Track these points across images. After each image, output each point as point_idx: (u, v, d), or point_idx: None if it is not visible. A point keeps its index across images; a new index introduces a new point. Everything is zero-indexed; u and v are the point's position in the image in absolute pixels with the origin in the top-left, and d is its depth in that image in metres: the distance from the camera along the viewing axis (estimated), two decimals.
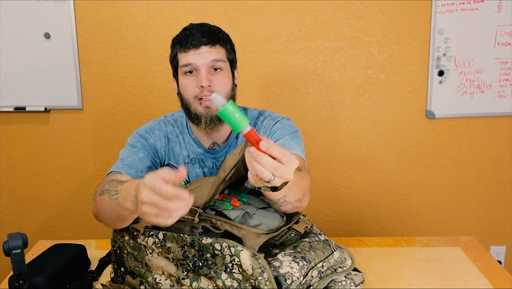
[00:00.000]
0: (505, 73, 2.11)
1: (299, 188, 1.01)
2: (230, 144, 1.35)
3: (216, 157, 1.35)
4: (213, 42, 1.24)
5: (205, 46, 1.23)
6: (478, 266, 1.22)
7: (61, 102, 2.11)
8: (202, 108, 1.25)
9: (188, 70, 1.25)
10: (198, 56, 1.23)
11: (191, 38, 1.23)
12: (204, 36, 1.23)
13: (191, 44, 1.23)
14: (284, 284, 0.86)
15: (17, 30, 2.03)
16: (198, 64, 1.23)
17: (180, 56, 1.26)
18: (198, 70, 1.24)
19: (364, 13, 2.06)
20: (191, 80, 1.25)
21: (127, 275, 1.05)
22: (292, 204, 1.02)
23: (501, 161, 2.22)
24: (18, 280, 0.95)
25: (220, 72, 1.26)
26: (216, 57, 1.24)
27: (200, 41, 1.23)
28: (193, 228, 0.97)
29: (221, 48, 1.26)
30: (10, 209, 2.23)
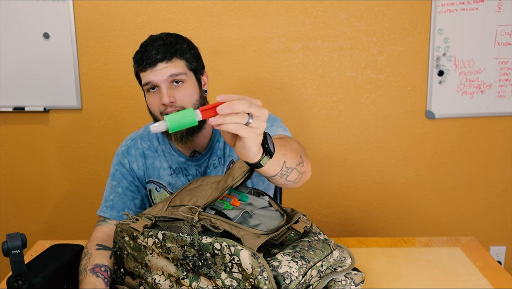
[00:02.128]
0: (505, 73, 2.11)
1: (291, 151, 1.01)
2: (213, 149, 1.33)
3: (199, 164, 1.33)
4: (169, 57, 1.20)
5: (161, 62, 1.19)
6: (478, 267, 1.22)
7: (60, 102, 2.11)
8: None
9: (150, 88, 1.22)
10: (155, 74, 1.19)
11: (145, 57, 1.20)
12: (159, 53, 1.20)
13: (146, 63, 1.19)
14: (283, 284, 0.86)
15: (16, 30, 2.03)
16: (157, 82, 1.20)
17: (141, 75, 1.23)
18: (159, 87, 1.21)
19: (364, 13, 2.06)
20: (155, 96, 1.22)
21: (126, 276, 1.05)
22: (296, 169, 1.01)
23: (501, 161, 2.22)
24: (17, 280, 0.95)
25: (182, 85, 1.22)
26: (174, 71, 1.20)
27: (155, 58, 1.19)
28: (192, 227, 0.97)
29: (179, 60, 1.22)
30: (9, 209, 2.23)
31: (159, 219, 1.03)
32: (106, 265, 1.13)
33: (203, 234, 0.96)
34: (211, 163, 1.33)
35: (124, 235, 1.04)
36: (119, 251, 1.06)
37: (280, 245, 0.99)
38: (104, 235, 1.25)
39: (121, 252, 1.05)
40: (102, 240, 1.22)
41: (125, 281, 1.05)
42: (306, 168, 1.06)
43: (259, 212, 1.06)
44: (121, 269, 1.06)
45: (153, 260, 0.99)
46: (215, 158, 1.34)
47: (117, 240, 1.06)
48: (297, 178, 1.04)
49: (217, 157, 1.33)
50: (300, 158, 1.03)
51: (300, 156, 1.04)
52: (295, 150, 1.03)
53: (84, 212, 2.23)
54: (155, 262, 0.98)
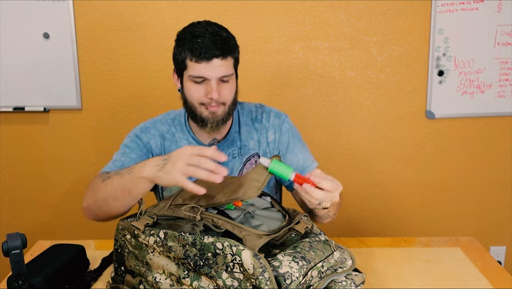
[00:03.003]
0: (505, 73, 2.11)
1: (337, 205, 1.26)
2: (231, 139, 1.36)
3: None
4: (225, 54, 1.22)
5: (217, 58, 1.20)
6: (478, 267, 1.22)
7: (60, 102, 2.11)
8: (208, 113, 1.26)
9: (197, 81, 1.24)
10: (209, 69, 1.21)
11: (204, 50, 1.19)
12: (217, 48, 1.20)
13: (204, 56, 1.20)
14: (284, 284, 0.86)
15: (17, 30, 2.03)
16: (209, 77, 1.22)
17: (190, 64, 1.22)
18: (207, 80, 1.23)
19: (364, 13, 2.06)
20: (199, 88, 1.24)
21: (127, 274, 1.05)
22: (331, 216, 1.27)
23: (501, 161, 2.22)
24: (17, 280, 0.95)
25: (227, 83, 1.25)
26: (226, 72, 1.23)
27: (213, 54, 1.20)
28: (194, 226, 0.97)
29: (231, 59, 1.25)
30: (9, 209, 2.23)
31: (161, 218, 1.03)
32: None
33: (204, 233, 0.96)
34: (230, 152, 1.36)
35: (126, 233, 1.04)
36: (120, 249, 1.06)
37: (281, 246, 1.00)
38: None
39: (122, 250, 1.05)
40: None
41: (125, 279, 1.05)
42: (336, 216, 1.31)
43: (261, 213, 1.06)
44: (121, 267, 1.06)
45: (154, 259, 0.99)
46: (234, 148, 1.36)
47: (118, 238, 1.06)
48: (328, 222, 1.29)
49: (236, 147, 1.36)
50: (337, 209, 1.29)
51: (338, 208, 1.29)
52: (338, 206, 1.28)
53: None
54: (156, 260, 0.98)
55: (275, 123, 1.39)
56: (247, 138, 1.37)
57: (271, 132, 1.39)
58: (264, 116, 1.40)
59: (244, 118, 1.40)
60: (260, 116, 1.40)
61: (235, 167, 1.36)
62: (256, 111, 1.41)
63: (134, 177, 1.08)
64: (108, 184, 1.15)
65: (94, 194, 1.19)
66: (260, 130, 1.39)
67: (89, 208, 1.21)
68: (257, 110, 1.42)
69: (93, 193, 1.20)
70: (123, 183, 1.10)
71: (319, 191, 0.98)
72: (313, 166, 1.40)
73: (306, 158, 1.40)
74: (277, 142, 1.39)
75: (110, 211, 1.17)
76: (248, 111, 1.41)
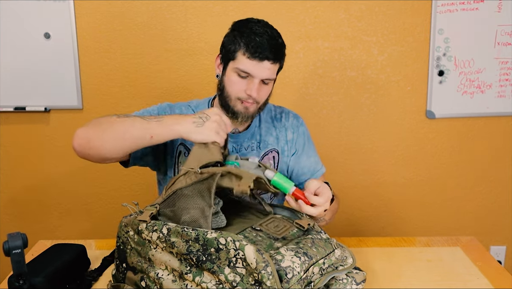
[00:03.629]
0: (505, 73, 2.11)
1: (334, 210, 1.33)
2: (252, 132, 1.40)
3: (237, 141, 1.39)
4: (276, 60, 1.26)
5: (268, 61, 1.24)
6: (478, 266, 1.22)
7: (61, 102, 2.11)
8: (242, 107, 1.30)
9: (242, 75, 1.26)
10: (259, 69, 1.24)
11: (259, 50, 1.23)
12: (272, 52, 1.24)
13: (258, 55, 1.23)
14: (285, 278, 0.87)
15: (17, 30, 2.03)
16: (254, 75, 1.25)
17: (241, 58, 1.25)
18: (251, 77, 1.26)
19: (364, 13, 2.06)
20: (241, 82, 1.27)
21: (128, 271, 1.05)
22: (326, 221, 1.32)
23: (501, 161, 2.22)
24: (18, 280, 0.95)
25: (267, 85, 1.30)
26: (271, 76, 1.27)
27: (266, 56, 1.23)
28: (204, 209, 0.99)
29: (278, 65, 1.29)
30: (10, 209, 2.23)
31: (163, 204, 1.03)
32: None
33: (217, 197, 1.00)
34: (249, 145, 1.40)
35: (129, 229, 1.04)
36: (122, 245, 1.06)
37: (283, 240, 1.01)
38: None
39: (124, 246, 1.06)
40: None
41: (126, 276, 1.06)
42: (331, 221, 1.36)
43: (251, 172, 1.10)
44: (123, 264, 1.06)
45: (156, 255, 0.99)
46: (253, 141, 1.40)
47: (121, 235, 1.06)
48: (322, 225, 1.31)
49: (256, 141, 1.40)
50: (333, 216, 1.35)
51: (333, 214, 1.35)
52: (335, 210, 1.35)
53: (85, 212, 2.24)
54: (158, 256, 0.99)
55: (294, 124, 1.46)
56: (267, 134, 1.42)
57: (289, 132, 1.45)
58: (283, 116, 1.47)
59: (265, 116, 1.45)
60: (279, 116, 1.46)
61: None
62: (275, 111, 1.48)
63: (165, 125, 1.11)
64: (127, 121, 1.15)
65: (100, 128, 1.17)
66: (279, 128, 1.44)
67: (87, 140, 1.16)
68: (276, 110, 1.48)
69: (99, 127, 1.17)
70: (148, 126, 1.12)
71: (310, 208, 1.08)
72: (322, 170, 1.49)
73: (317, 161, 1.48)
74: (295, 142, 1.45)
75: (107, 149, 1.16)
76: (268, 110, 1.46)
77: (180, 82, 2.11)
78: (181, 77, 2.11)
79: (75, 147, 1.17)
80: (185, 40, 2.07)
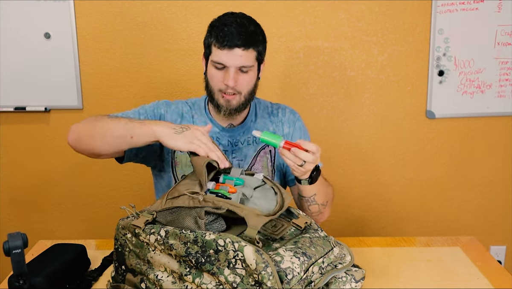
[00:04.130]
0: (505, 73, 2.11)
1: (324, 193, 1.34)
2: (247, 127, 1.42)
3: (233, 135, 1.41)
4: (247, 46, 1.27)
5: (238, 48, 1.26)
6: (478, 266, 1.22)
7: (61, 102, 2.11)
8: (223, 100, 1.32)
9: (217, 64, 1.29)
10: (230, 57, 1.27)
11: (227, 38, 1.26)
12: (240, 39, 1.26)
13: (226, 44, 1.26)
14: (285, 279, 0.87)
15: (17, 30, 2.03)
16: (228, 65, 1.28)
17: (214, 50, 1.29)
18: (227, 68, 1.28)
19: (364, 13, 2.06)
20: (219, 73, 1.30)
21: (128, 273, 1.05)
22: (318, 205, 1.34)
23: (501, 160, 2.22)
24: (18, 280, 0.95)
25: (246, 74, 1.31)
26: (245, 63, 1.28)
27: (235, 43, 1.26)
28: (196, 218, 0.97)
29: (253, 51, 1.30)
30: (10, 209, 2.24)
31: (160, 213, 1.03)
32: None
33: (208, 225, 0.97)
34: (245, 139, 1.42)
35: (126, 232, 1.04)
36: (120, 248, 1.06)
37: (281, 240, 1.00)
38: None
39: (122, 249, 1.05)
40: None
41: (126, 278, 1.06)
42: (325, 211, 1.39)
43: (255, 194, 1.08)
44: (122, 266, 1.06)
45: (155, 257, 0.99)
46: (249, 136, 1.42)
47: (119, 237, 1.06)
48: (316, 212, 1.36)
49: (252, 135, 1.42)
50: (326, 202, 1.37)
51: (327, 201, 1.37)
52: (327, 194, 1.36)
53: (85, 212, 2.24)
54: (157, 258, 0.99)
55: (290, 119, 1.48)
56: (263, 128, 1.44)
57: (286, 126, 1.47)
58: (280, 111, 1.49)
59: (261, 112, 1.47)
60: (276, 111, 1.48)
61: (249, 154, 1.42)
62: (271, 107, 1.50)
63: (145, 126, 1.16)
64: (115, 121, 1.22)
65: (93, 124, 1.25)
66: (276, 123, 1.46)
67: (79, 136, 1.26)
68: (272, 106, 1.50)
69: (91, 124, 1.25)
70: (131, 126, 1.17)
71: (304, 152, 1.15)
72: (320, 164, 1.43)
73: None
74: (291, 137, 1.46)
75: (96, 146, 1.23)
76: (264, 106, 1.48)
77: (180, 82, 2.11)
78: (181, 77, 2.11)
79: (69, 141, 1.28)
80: (185, 40, 2.07)
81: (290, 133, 1.47)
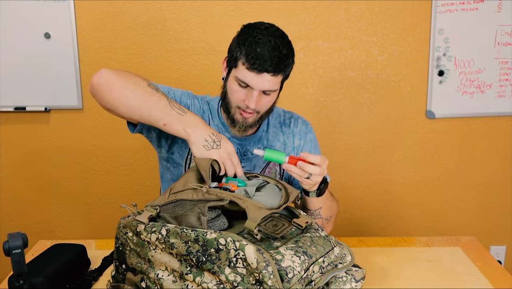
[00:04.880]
0: (505, 73, 2.11)
1: (329, 208, 1.34)
2: (259, 136, 1.38)
3: (243, 144, 1.36)
4: (277, 72, 1.20)
5: (267, 74, 1.19)
6: (478, 266, 1.22)
7: (61, 102, 2.11)
8: (240, 117, 1.28)
9: (242, 85, 1.23)
10: (257, 80, 1.20)
11: (259, 62, 1.17)
12: (272, 65, 1.18)
13: (256, 67, 1.18)
14: (285, 278, 0.87)
15: (17, 30, 2.03)
16: (253, 87, 1.21)
17: (241, 67, 1.20)
18: (250, 88, 1.22)
19: (364, 13, 2.06)
20: (241, 91, 1.23)
21: (128, 272, 1.05)
22: (322, 219, 1.34)
23: (501, 161, 2.22)
24: (18, 280, 0.95)
25: (269, 96, 1.25)
26: (271, 88, 1.22)
27: (265, 68, 1.18)
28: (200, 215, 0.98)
29: (281, 76, 1.23)
30: (10, 209, 2.24)
31: (163, 208, 1.03)
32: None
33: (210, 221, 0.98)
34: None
35: (128, 230, 1.04)
36: (121, 247, 1.06)
37: (282, 239, 1.01)
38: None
39: (123, 248, 1.05)
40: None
41: (126, 277, 1.06)
42: (327, 226, 1.38)
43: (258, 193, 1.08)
44: (122, 265, 1.06)
45: (156, 256, 0.99)
46: (260, 146, 1.38)
47: (119, 236, 1.06)
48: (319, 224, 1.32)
49: (262, 145, 1.39)
50: (330, 217, 1.36)
51: (331, 216, 1.37)
52: (331, 209, 1.36)
53: (85, 211, 2.24)
54: (158, 257, 0.99)
55: (302, 131, 1.44)
56: (274, 139, 1.41)
57: (297, 138, 1.43)
58: (292, 121, 1.44)
59: (273, 121, 1.42)
60: (288, 121, 1.44)
61: (258, 164, 1.39)
62: (284, 116, 1.45)
63: (182, 123, 1.13)
64: (155, 96, 1.15)
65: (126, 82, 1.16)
66: (287, 134, 1.43)
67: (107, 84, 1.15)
68: (285, 115, 1.45)
69: (126, 80, 1.16)
70: (168, 113, 1.13)
71: (309, 165, 1.13)
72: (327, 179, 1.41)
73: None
74: (301, 148, 1.43)
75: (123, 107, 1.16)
76: (277, 115, 1.44)
77: (180, 82, 2.11)
78: (181, 77, 2.11)
79: (93, 82, 1.16)
80: (185, 40, 2.07)
81: (301, 146, 1.43)
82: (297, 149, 1.43)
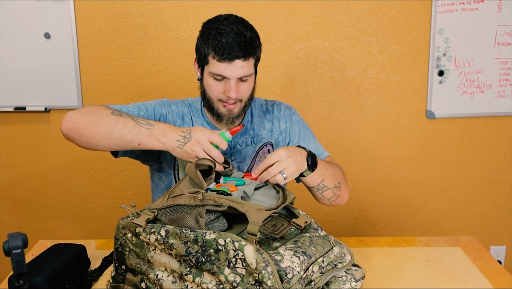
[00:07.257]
0: (505, 73, 2.11)
1: (332, 175, 1.30)
2: (245, 128, 1.40)
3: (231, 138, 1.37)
4: (247, 56, 1.23)
5: (239, 60, 1.22)
6: (478, 266, 1.22)
7: (61, 102, 2.11)
8: (225, 110, 1.30)
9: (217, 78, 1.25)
10: (231, 69, 1.22)
11: (227, 51, 1.20)
12: (240, 50, 1.21)
13: (226, 56, 1.21)
14: (285, 278, 0.87)
15: (17, 30, 2.03)
16: (229, 77, 1.24)
17: (212, 61, 1.23)
18: (227, 79, 1.24)
19: (364, 13, 2.06)
20: (218, 84, 1.26)
21: (128, 273, 1.05)
22: (331, 189, 1.31)
23: (501, 160, 2.22)
24: (18, 280, 0.95)
25: (246, 82, 1.27)
26: (246, 72, 1.24)
27: (235, 55, 1.21)
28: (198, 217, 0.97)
29: (252, 59, 1.26)
30: (10, 209, 2.24)
31: (161, 211, 1.03)
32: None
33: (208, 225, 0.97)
34: (243, 140, 1.40)
35: (126, 231, 1.04)
36: (120, 247, 1.06)
37: (281, 239, 1.00)
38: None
39: (123, 248, 1.06)
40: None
41: (126, 278, 1.06)
42: (342, 193, 1.36)
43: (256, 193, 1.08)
44: (122, 266, 1.07)
45: (155, 256, 0.99)
46: (247, 137, 1.40)
47: (119, 237, 1.06)
48: (332, 197, 1.34)
49: (249, 136, 1.41)
50: (338, 183, 1.33)
51: (339, 182, 1.33)
52: (335, 174, 1.32)
53: (85, 212, 2.24)
54: (157, 258, 0.99)
55: (286, 114, 1.46)
56: (260, 128, 1.42)
57: (282, 122, 1.45)
58: (275, 107, 1.46)
59: (256, 111, 1.45)
60: (271, 108, 1.46)
61: (248, 155, 1.41)
62: (266, 104, 1.48)
63: (154, 136, 1.16)
64: (120, 121, 1.18)
65: (93, 119, 1.19)
66: (272, 120, 1.44)
67: (75, 127, 1.20)
68: (267, 104, 1.48)
69: (91, 117, 1.20)
70: (138, 132, 1.16)
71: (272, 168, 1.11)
72: (324, 154, 1.45)
73: (317, 146, 1.45)
74: (288, 131, 1.45)
75: (96, 143, 1.19)
76: (259, 105, 1.46)
77: (180, 82, 2.11)
78: (181, 77, 2.11)
79: (62, 129, 1.23)
80: (185, 40, 2.07)
81: (287, 129, 1.44)
82: (284, 132, 1.44)
